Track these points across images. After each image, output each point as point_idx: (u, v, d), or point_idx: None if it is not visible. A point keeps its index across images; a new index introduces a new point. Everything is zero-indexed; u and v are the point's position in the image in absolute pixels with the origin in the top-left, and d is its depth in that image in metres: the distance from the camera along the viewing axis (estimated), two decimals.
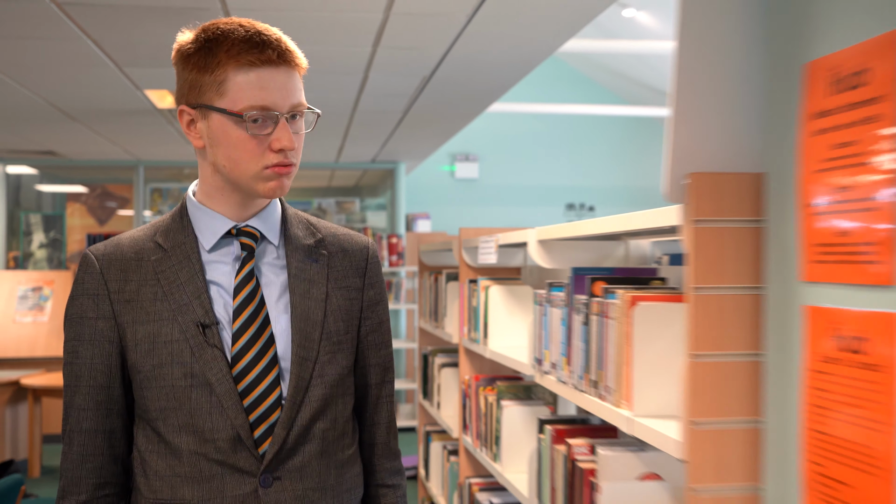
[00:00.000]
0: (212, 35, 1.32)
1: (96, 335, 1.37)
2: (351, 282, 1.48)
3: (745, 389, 1.30)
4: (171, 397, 1.34)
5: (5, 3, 3.13)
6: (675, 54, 1.30)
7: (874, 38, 1.04)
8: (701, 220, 1.29)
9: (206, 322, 1.35)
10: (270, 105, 1.30)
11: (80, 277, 1.39)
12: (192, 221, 1.41)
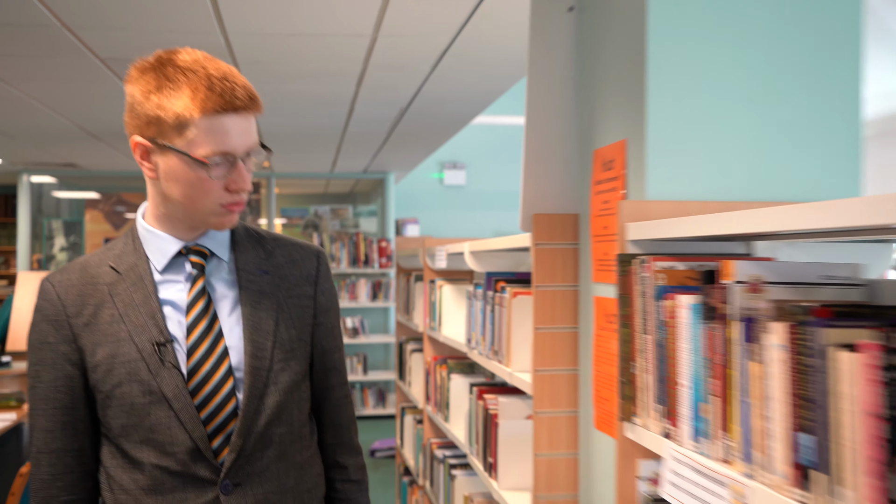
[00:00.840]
0: (176, 74, 1.31)
1: (58, 359, 1.40)
2: (302, 290, 1.52)
3: (567, 349, 2.06)
4: (131, 414, 1.37)
5: (53, 56, 3.88)
6: (525, 136, 2.06)
7: (615, 142, 1.80)
8: (540, 243, 2.05)
9: (161, 340, 1.38)
10: (231, 150, 1.33)
11: (40, 304, 1.42)
12: (142, 244, 1.44)
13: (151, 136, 1.33)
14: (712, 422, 1.26)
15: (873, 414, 0.92)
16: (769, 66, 1.68)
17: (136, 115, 1.34)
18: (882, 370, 0.91)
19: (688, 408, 1.33)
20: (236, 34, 3.48)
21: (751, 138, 1.67)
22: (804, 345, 1.03)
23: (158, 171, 1.36)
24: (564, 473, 2.05)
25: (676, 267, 1.43)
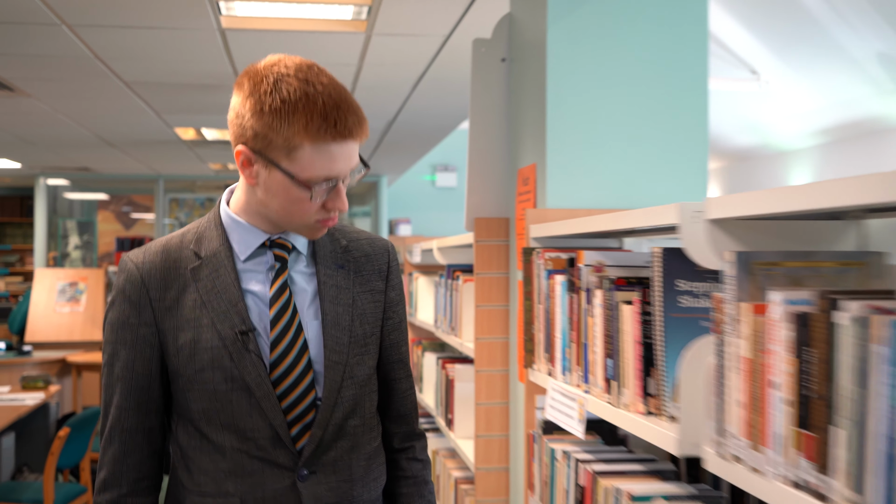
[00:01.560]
0: (293, 97, 1.31)
1: (138, 340, 1.41)
2: (374, 285, 1.53)
3: (500, 322, 2.66)
4: (213, 399, 1.39)
5: (84, 80, 4.48)
6: (468, 158, 2.66)
7: (530, 164, 2.40)
8: (479, 240, 2.65)
9: (244, 329, 1.39)
10: (336, 175, 1.35)
11: (122, 285, 1.43)
12: (226, 231, 1.45)
13: (258, 149, 1.34)
14: (571, 360, 1.86)
15: (638, 342, 1.52)
16: (636, 106, 2.28)
17: (243, 127, 1.34)
18: (641, 315, 1.51)
19: (559, 352, 1.94)
20: (242, 64, 4.09)
21: (622, 160, 2.28)
22: (609, 303, 1.63)
23: (259, 180, 1.37)
24: (498, 418, 2.65)
25: (560, 256, 2.03)
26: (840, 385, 0.93)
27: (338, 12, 3.29)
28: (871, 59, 6.54)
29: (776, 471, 1.05)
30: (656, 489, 1.55)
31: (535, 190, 2.35)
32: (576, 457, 1.81)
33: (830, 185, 0.97)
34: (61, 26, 3.45)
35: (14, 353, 7.09)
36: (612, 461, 1.77)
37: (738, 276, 1.15)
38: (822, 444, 0.97)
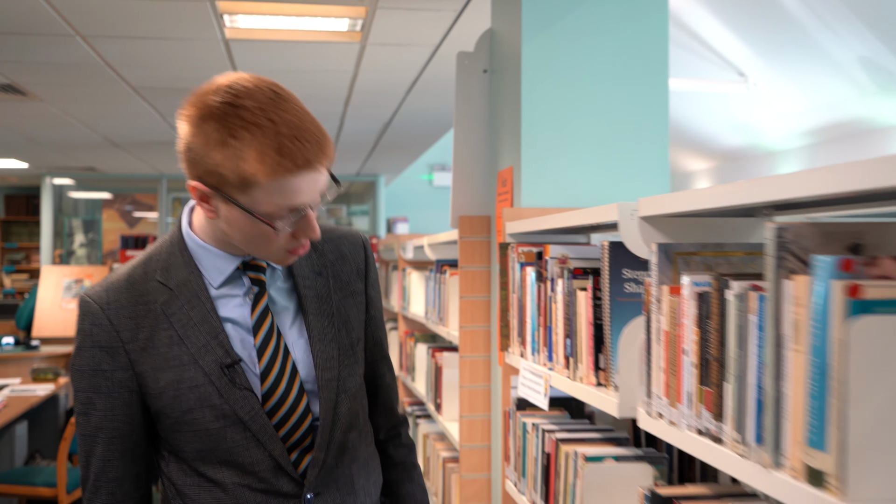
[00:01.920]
0: (241, 130, 1.18)
1: (114, 386, 1.30)
2: (354, 287, 1.47)
3: (483, 312, 2.89)
4: (205, 439, 1.31)
5: (94, 85, 4.72)
6: (453, 161, 2.89)
7: (507, 167, 2.63)
8: (463, 237, 2.88)
9: (228, 362, 1.30)
10: (300, 205, 1.24)
11: (88, 329, 1.31)
12: (194, 258, 1.34)
13: (212, 185, 1.22)
14: (539, 342, 2.10)
15: (590, 323, 1.75)
16: (602, 113, 2.52)
17: (193, 161, 1.23)
18: (593, 300, 1.74)
19: (530, 336, 2.17)
20: (245, 68, 4.32)
21: (591, 162, 2.51)
22: (568, 290, 1.86)
23: (219, 214, 1.27)
24: (480, 400, 2.88)
25: (531, 250, 2.26)
26: (729, 349, 1.17)
27: (334, 24, 3.53)
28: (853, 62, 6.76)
29: (687, 422, 1.29)
30: (608, 452, 1.78)
31: (512, 190, 2.59)
32: (543, 428, 2.05)
33: (736, 186, 1.20)
34: (76, 37, 3.68)
35: (22, 348, 7.31)
36: (575, 431, 2.01)
37: (660, 264, 1.38)
38: (718, 398, 1.20)
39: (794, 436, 1.01)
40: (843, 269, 0.95)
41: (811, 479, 0.97)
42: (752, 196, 1.16)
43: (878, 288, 0.92)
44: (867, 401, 0.90)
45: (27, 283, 10.50)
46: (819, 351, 0.95)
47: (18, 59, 4.08)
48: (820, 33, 6.33)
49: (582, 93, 2.52)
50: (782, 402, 1.03)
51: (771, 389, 1.05)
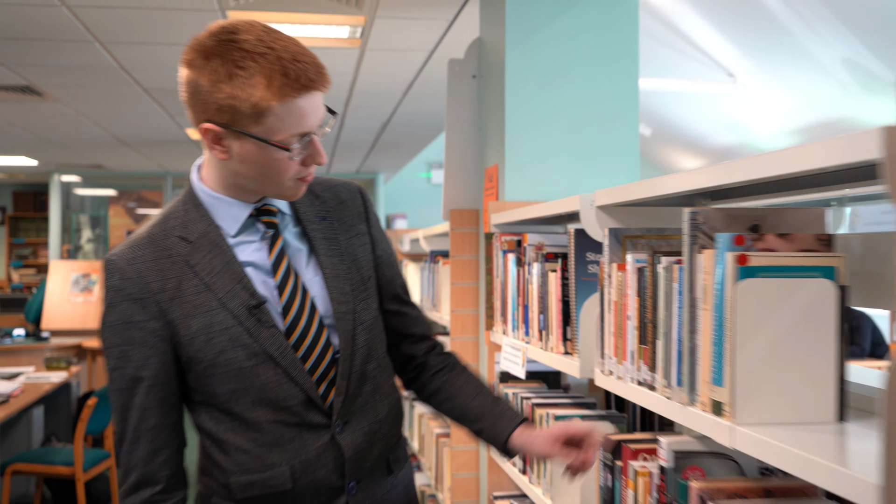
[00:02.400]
0: (245, 59, 1.25)
1: (148, 335, 1.35)
2: (358, 228, 1.53)
3: (471, 297, 3.15)
4: (239, 378, 1.37)
5: (107, 87, 4.97)
6: (444, 158, 3.16)
7: (493, 165, 2.90)
8: (454, 229, 3.14)
9: (254, 303, 1.37)
10: (308, 129, 1.31)
11: (117, 284, 1.35)
12: (208, 210, 1.40)
13: (224, 123, 1.29)
14: (518, 319, 2.36)
15: (559, 300, 2.01)
16: (579, 114, 2.78)
17: (203, 103, 1.29)
18: (563, 280, 2.00)
19: (510, 315, 2.43)
20: None
21: (568, 159, 2.77)
22: (542, 272, 2.13)
23: (231, 153, 1.32)
24: None
25: (512, 239, 2.52)
26: (659, 312, 1.43)
27: (336, 31, 3.79)
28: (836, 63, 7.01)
29: (631, 376, 1.55)
30: (576, 413, 2.05)
31: (498, 185, 2.85)
32: (522, 396, 2.31)
33: (671, 178, 1.46)
34: (94, 42, 3.95)
35: (33, 339, 7.57)
36: (550, 398, 2.27)
37: (611, 246, 1.65)
38: (652, 353, 1.46)
39: (703, 377, 1.27)
40: (736, 244, 1.21)
41: (714, 409, 1.23)
42: (680, 186, 1.42)
43: (759, 257, 1.19)
44: (749, 345, 1.16)
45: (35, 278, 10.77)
46: (719, 308, 1.21)
47: (38, 62, 4.34)
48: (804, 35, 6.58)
49: (560, 96, 2.78)
50: (696, 351, 1.29)
51: (688, 342, 1.31)
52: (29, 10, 3.43)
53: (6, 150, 8.21)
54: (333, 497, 1.45)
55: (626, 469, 1.57)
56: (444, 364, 1.67)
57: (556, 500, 2.00)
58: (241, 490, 1.41)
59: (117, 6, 3.40)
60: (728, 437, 1.18)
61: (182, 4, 3.39)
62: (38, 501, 4.91)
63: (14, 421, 5.15)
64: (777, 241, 1.23)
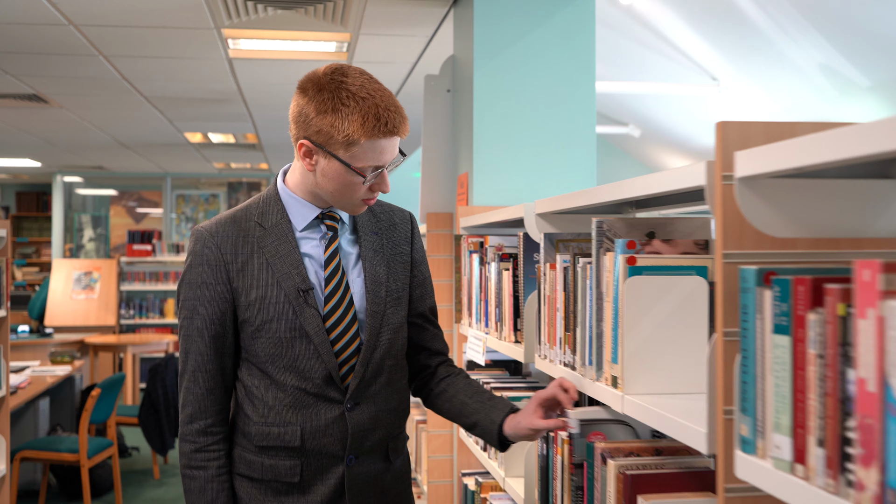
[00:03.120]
0: (349, 99, 1.53)
1: (216, 297, 1.63)
2: (402, 248, 1.79)
3: (447, 293, 3.43)
4: (278, 346, 1.62)
5: (110, 95, 5.25)
6: (421, 166, 3.43)
7: (464, 173, 3.18)
8: (431, 230, 3.42)
9: (304, 287, 1.62)
10: (383, 164, 1.59)
11: (199, 250, 1.65)
12: (284, 206, 1.68)
13: (319, 143, 1.57)
14: (480, 313, 2.64)
15: (511, 295, 2.29)
16: (540, 125, 3.06)
17: (307, 125, 1.57)
18: (514, 277, 2.28)
19: (475, 309, 2.71)
20: (246, 83, 4.87)
21: (530, 167, 3.05)
22: (498, 270, 2.41)
23: (317, 168, 1.60)
24: None
25: (476, 241, 2.80)
26: (578, 304, 1.71)
27: (323, 46, 4.07)
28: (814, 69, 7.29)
29: (559, 359, 1.83)
30: (526, 395, 2.33)
31: (468, 191, 3.13)
32: (483, 381, 2.59)
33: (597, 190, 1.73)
34: (98, 56, 4.23)
35: (37, 335, 7.84)
36: (508, 382, 2.55)
37: (546, 248, 1.93)
38: (573, 339, 1.74)
39: (606, 357, 1.55)
40: (629, 248, 1.49)
41: (612, 383, 1.51)
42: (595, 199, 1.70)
43: (645, 258, 1.47)
44: (636, 330, 1.44)
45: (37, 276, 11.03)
46: (615, 300, 1.50)
47: (46, 73, 4.63)
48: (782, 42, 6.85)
49: (524, 109, 3.06)
50: (602, 336, 1.58)
51: (596, 329, 1.59)
52: (39, 29, 3.71)
53: (11, 153, 8.49)
54: (333, 465, 1.67)
55: (557, 438, 1.85)
56: (450, 372, 1.87)
57: (508, 470, 2.28)
58: (259, 438, 1.66)
59: (121, 25, 3.68)
60: (620, 404, 1.46)
61: (181, 23, 3.67)
62: (45, 488, 5.19)
63: (21, 412, 5.43)
64: (663, 246, 1.51)
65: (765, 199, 1.03)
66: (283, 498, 1.68)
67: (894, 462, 0.77)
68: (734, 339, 1.09)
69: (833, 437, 0.86)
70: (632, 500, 1.41)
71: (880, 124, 0.81)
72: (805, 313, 0.91)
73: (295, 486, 1.67)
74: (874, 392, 0.79)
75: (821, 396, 0.88)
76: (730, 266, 1.09)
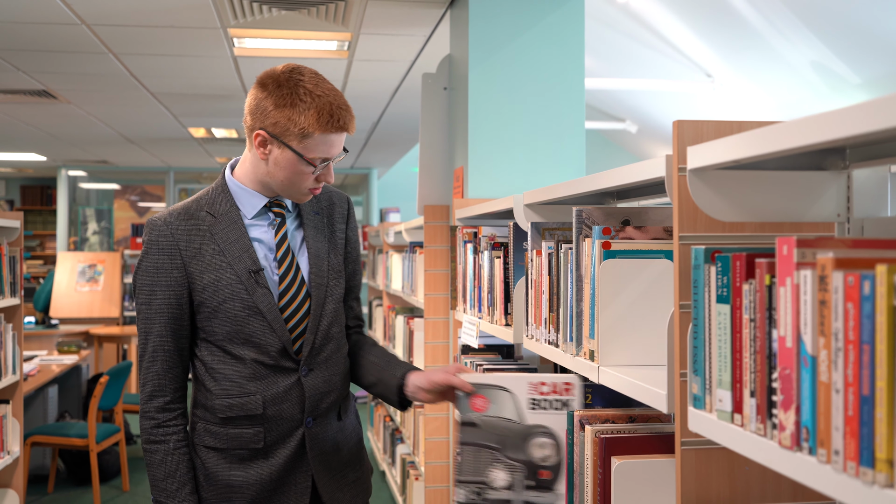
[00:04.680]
0: (305, 96, 1.67)
1: (172, 281, 1.75)
2: (339, 226, 1.94)
3: (443, 282, 3.59)
4: (233, 323, 1.76)
5: (118, 91, 5.40)
6: (419, 160, 3.59)
7: (460, 167, 3.33)
8: (428, 222, 3.57)
9: (255, 269, 1.76)
10: (331, 156, 1.74)
11: (155, 239, 1.74)
12: (233, 196, 1.80)
13: (275, 134, 1.69)
14: (474, 299, 2.80)
15: (502, 281, 2.45)
16: (532, 121, 3.21)
17: (265, 116, 1.69)
18: (505, 265, 2.44)
19: (469, 295, 2.87)
20: (249, 80, 5.02)
21: (522, 161, 3.21)
22: (490, 258, 2.56)
23: (270, 157, 1.73)
24: (440, 353, 3.59)
25: (470, 231, 2.96)
26: (561, 287, 1.86)
27: (325, 45, 4.23)
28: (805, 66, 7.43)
29: (544, 338, 1.99)
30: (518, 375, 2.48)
31: (463, 184, 3.29)
32: (476, 363, 2.75)
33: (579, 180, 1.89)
34: (108, 54, 4.38)
35: (43, 326, 7.98)
36: (499, 364, 2.71)
37: (533, 236, 2.08)
38: (556, 319, 1.90)
39: (585, 333, 1.71)
40: (604, 234, 1.65)
41: (589, 357, 1.67)
42: (581, 188, 1.85)
43: (619, 243, 1.62)
44: (609, 308, 1.60)
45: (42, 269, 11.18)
46: (593, 282, 1.65)
47: (56, 70, 4.78)
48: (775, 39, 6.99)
49: (516, 106, 3.22)
50: (581, 315, 1.73)
51: (575, 308, 1.75)
52: (52, 28, 3.87)
53: (17, 147, 8.64)
54: (294, 428, 1.81)
55: None
56: (362, 340, 2.04)
57: None
58: (223, 410, 1.78)
59: (132, 24, 3.83)
60: (596, 375, 1.62)
61: (188, 22, 3.83)
62: (54, 472, 5.35)
63: (31, 399, 5.59)
64: (635, 232, 1.67)
65: (713, 188, 1.19)
66: (247, 464, 1.80)
67: (806, 404, 0.93)
68: (688, 310, 1.24)
69: (762, 388, 1.02)
70: (606, 461, 1.57)
71: (802, 122, 0.96)
72: (741, 284, 1.06)
73: (259, 452, 1.80)
74: (791, 347, 0.95)
75: (752, 354, 1.04)
76: (685, 247, 1.24)
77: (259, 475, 1.80)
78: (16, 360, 3.73)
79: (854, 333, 0.83)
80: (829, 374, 0.88)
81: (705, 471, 1.28)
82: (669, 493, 1.50)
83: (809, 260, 0.93)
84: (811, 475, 0.91)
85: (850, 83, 7.40)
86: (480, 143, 3.20)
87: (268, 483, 1.81)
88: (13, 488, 3.84)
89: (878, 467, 0.81)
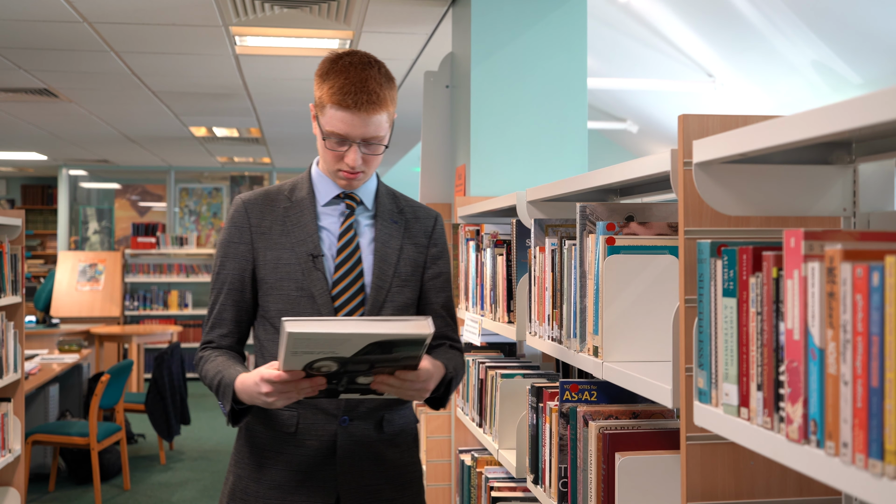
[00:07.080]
0: (335, 69, 1.74)
1: (238, 255, 1.84)
2: (419, 240, 1.93)
3: None
4: (286, 302, 1.80)
5: (120, 90, 5.40)
6: (421, 159, 3.59)
7: (462, 165, 3.33)
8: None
9: (315, 253, 1.81)
10: (345, 135, 1.74)
11: (233, 214, 1.87)
12: (313, 184, 1.89)
13: (316, 105, 1.80)
14: (476, 296, 2.79)
15: (504, 279, 2.44)
16: (534, 119, 3.21)
17: (315, 89, 1.80)
18: (507, 262, 2.44)
19: (472, 294, 2.87)
20: (251, 77, 5.02)
21: (524, 159, 3.20)
22: (493, 256, 2.56)
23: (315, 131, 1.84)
24: None
25: (472, 229, 2.95)
26: (564, 283, 1.86)
27: (326, 43, 4.22)
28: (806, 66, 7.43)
29: (548, 335, 1.99)
30: (519, 372, 2.48)
31: (465, 182, 3.28)
32: (479, 361, 2.75)
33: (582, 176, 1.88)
34: (110, 52, 4.38)
35: (44, 325, 7.99)
36: (502, 362, 2.71)
37: (536, 233, 2.08)
38: (560, 315, 1.90)
39: (589, 329, 1.70)
40: (608, 230, 1.64)
41: (593, 352, 1.66)
42: (584, 184, 1.85)
43: (622, 238, 1.62)
44: (614, 304, 1.60)
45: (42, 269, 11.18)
46: (596, 277, 1.65)
47: (57, 68, 4.78)
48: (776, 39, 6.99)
49: (518, 104, 3.22)
50: (585, 311, 1.73)
51: (579, 304, 1.75)
52: (54, 25, 3.86)
53: (18, 146, 8.64)
54: (327, 422, 1.81)
55: (545, 408, 2.00)
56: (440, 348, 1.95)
57: (501, 443, 2.43)
58: None
59: (134, 22, 3.83)
60: (600, 371, 1.62)
61: (190, 20, 3.83)
62: (55, 471, 5.35)
63: (32, 397, 5.59)
64: (639, 228, 1.66)
65: (718, 182, 1.19)
66: (279, 447, 1.83)
67: (814, 397, 0.92)
68: (693, 304, 1.24)
69: (769, 381, 1.02)
70: (610, 457, 1.57)
71: (808, 114, 0.96)
72: (747, 278, 1.06)
73: (291, 437, 1.81)
74: (798, 340, 0.95)
75: (759, 347, 1.04)
76: (690, 241, 1.24)
77: (288, 462, 1.82)
78: (17, 358, 3.73)
79: (863, 325, 0.83)
80: (837, 367, 0.88)
81: (710, 466, 1.28)
82: (673, 489, 1.50)
83: (817, 252, 0.93)
84: (819, 468, 0.91)
85: (852, 83, 7.40)
86: (483, 142, 3.19)
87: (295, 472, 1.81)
88: (14, 487, 3.84)
89: (887, 459, 0.81)
